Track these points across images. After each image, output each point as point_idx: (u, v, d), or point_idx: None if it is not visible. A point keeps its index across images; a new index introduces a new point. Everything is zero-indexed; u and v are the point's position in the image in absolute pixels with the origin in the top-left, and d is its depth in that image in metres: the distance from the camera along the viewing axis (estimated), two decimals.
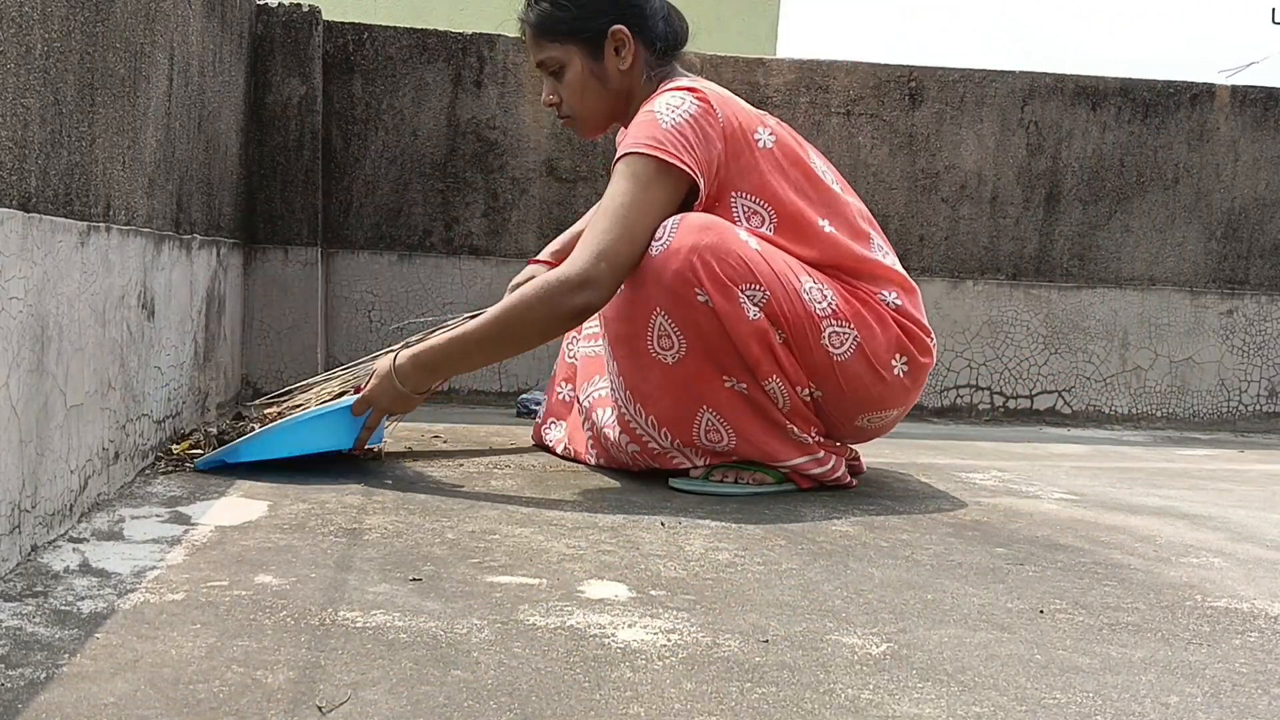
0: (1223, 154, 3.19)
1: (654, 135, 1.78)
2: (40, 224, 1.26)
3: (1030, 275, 3.15)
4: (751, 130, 1.86)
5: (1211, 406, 3.23)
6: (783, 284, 1.77)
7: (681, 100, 1.81)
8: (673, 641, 1.13)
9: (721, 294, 1.73)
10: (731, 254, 1.74)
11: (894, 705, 0.99)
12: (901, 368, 1.87)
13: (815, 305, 1.80)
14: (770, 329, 1.77)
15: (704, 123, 1.80)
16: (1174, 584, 1.46)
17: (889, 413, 1.92)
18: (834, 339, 1.81)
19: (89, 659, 0.99)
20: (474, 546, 1.45)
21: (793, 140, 1.93)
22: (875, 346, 1.83)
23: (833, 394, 1.84)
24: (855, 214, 1.94)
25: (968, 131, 3.10)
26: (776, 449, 1.84)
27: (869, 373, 1.84)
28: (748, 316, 1.75)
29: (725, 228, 1.77)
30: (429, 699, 0.95)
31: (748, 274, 1.75)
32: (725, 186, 1.84)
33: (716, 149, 1.82)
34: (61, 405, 1.35)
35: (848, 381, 1.83)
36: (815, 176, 1.91)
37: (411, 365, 1.82)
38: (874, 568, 1.46)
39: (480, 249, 2.94)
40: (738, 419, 1.81)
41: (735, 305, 1.74)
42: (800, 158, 1.91)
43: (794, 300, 1.78)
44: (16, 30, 1.18)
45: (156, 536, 1.41)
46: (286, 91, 2.73)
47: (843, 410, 1.87)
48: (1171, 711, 1.02)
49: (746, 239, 1.78)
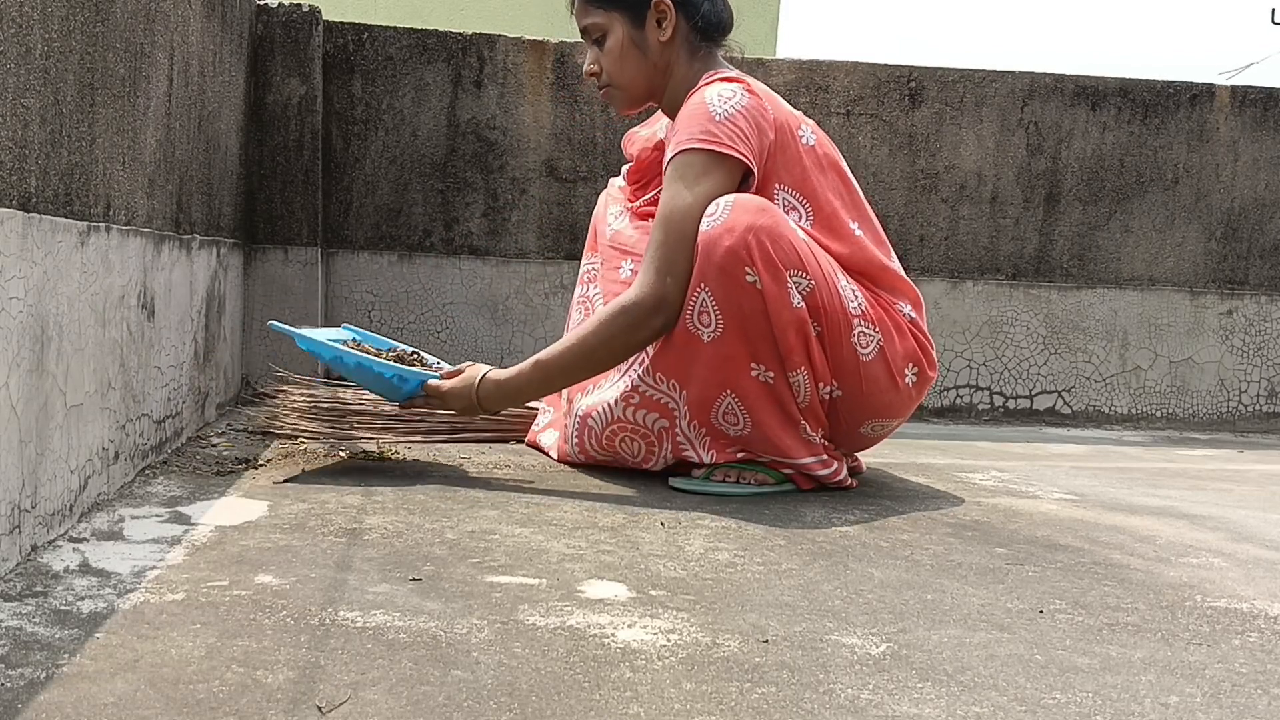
0: (1222, 154, 3.19)
1: (706, 129, 1.80)
2: (40, 224, 1.26)
3: (1030, 275, 3.15)
4: (796, 126, 1.91)
5: (1211, 407, 3.23)
6: (826, 277, 1.80)
7: (734, 92, 1.84)
8: (672, 641, 1.13)
9: (772, 276, 1.74)
10: (784, 238, 1.75)
11: (894, 705, 0.99)
12: (912, 377, 1.90)
13: (849, 303, 1.83)
14: (809, 320, 1.79)
15: (756, 113, 1.84)
16: (1174, 584, 1.46)
17: (893, 421, 1.95)
18: (861, 339, 1.84)
19: (89, 659, 0.99)
20: (474, 546, 1.45)
21: (829, 144, 1.98)
22: (894, 353, 1.87)
23: (851, 394, 1.86)
24: (879, 225, 2.00)
25: (967, 132, 3.10)
26: (789, 445, 1.85)
27: (886, 377, 1.87)
28: (792, 303, 1.76)
29: (778, 212, 1.79)
30: (429, 699, 0.95)
31: (797, 261, 1.76)
32: (769, 177, 1.86)
33: (769, 139, 1.85)
34: (61, 405, 1.35)
35: (868, 383, 1.85)
36: (850, 181, 1.97)
37: (496, 390, 1.88)
38: (874, 568, 1.46)
39: (480, 249, 2.94)
40: (758, 408, 1.81)
41: (783, 289, 1.75)
42: (836, 161, 1.96)
43: (834, 294, 1.81)
44: (16, 30, 1.18)
45: (156, 536, 1.41)
46: (286, 91, 2.73)
47: (855, 413, 1.89)
48: (1171, 711, 1.02)
49: (796, 228, 1.81)
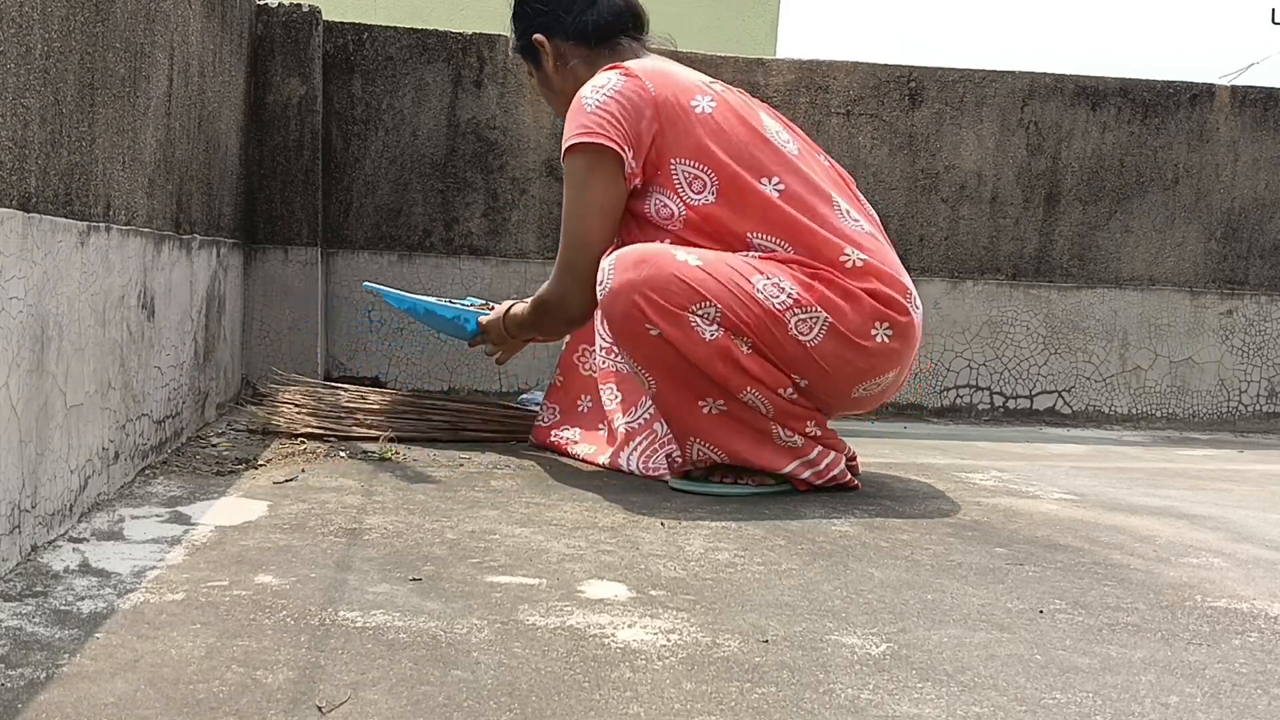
0: (1222, 154, 3.19)
1: (580, 123, 1.86)
2: (40, 224, 1.26)
3: (1030, 275, 3.15)
4: (689, 97, 1.89)
5: (1211, 406, 3.23)
6: (733, 292, 1.76)
7: (607, 80, 1.88)
8: (672, 641, 1.13)
9: (672, 323, 1.74)
10: (671, 281, 1.74)
11: (894, 705, 0.99)
12: (884, 334, 1.82)
13: (773, 301, 1.77)
14: (732, 343, 1.76)
15: (630, 95, 1.86)
16: (1174, 584, 1.46)
17: (884, 378, 1.87)
18: (801, 327, 1.78)
19: (89, 659, 0.99)
20: (474, 546, 1.45)
21: (743, 106, 1.93)
22: (849, 324, 1.80)
23: (816, 379, 1.82)
24: (823, 176, 1.92)
25: (968, 132, 3.10)
26: (767, 460, 1.85)
27: (848, 348, 1.80)
28: (704, 338, 1.75)
29: (660, 254, 1.78)
30: (429, 699, 0.95)
31: (694, 295, 1.74)
32: (664, 153, 1.86)
33: (647, 116, 1.86)
34: (61, 405, 1.35)
35: (828, 362, 1.80)
36: (763, 138, 1.90)
37: (513, 321, 2.12)
38: (874, 568, 1.46)
39: (480, 249, 2.94)
40: (723, 439, 1.82)
41: (688, 331, 1.75)
42: (746, 119, 1.91)
43: (749, 304, 1.76)
44: (16, 30, 1.18)
45: (156, 536, 1.41)
46: (286, 91, 2.73)
47: (833, 389, 1.84)
48: (1171, 711, 1.02)
49: (685, 258, 1.77)
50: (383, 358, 2.89)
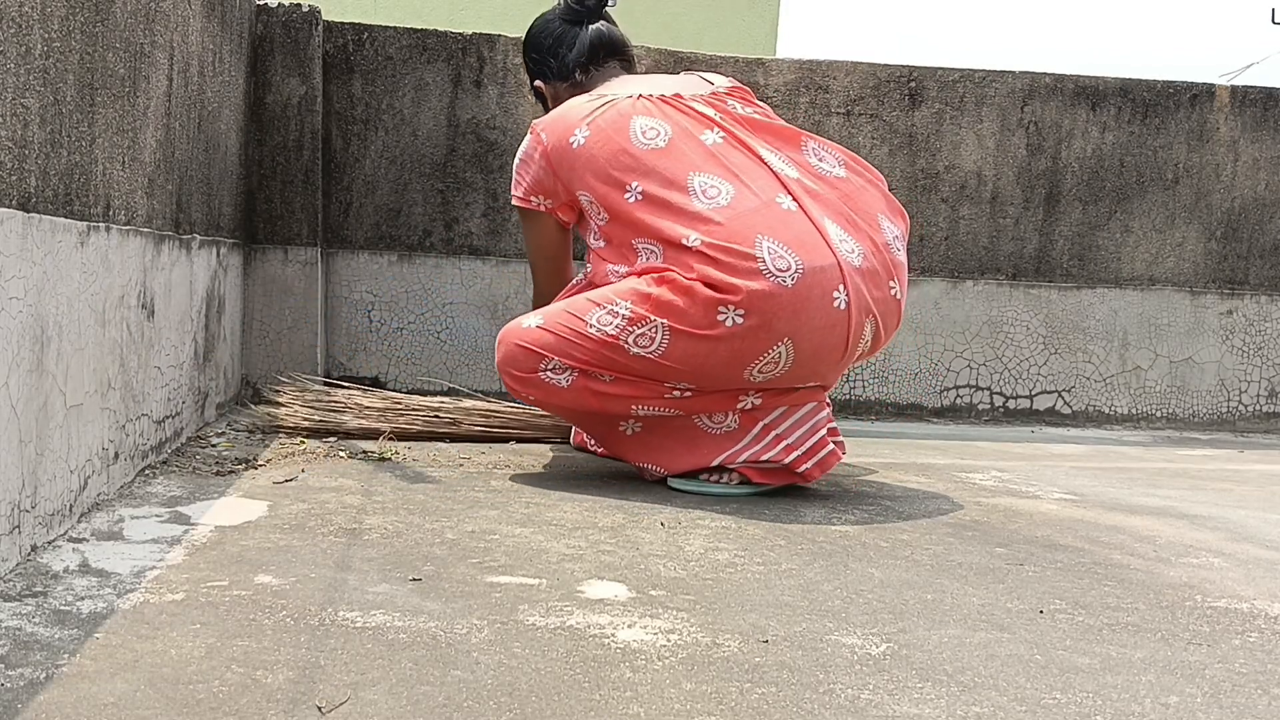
0: (1222, 154, 3.19)
1: (514, 182, 2.05)
2: (40, 224, 1.26)
3: (1030, 275, 3.15)
4: (569, 135, 1.93)
5: (1211, 406, 3.23)
6: (566, 338, 1.84)
7: (525, 141, 2.03)
8: (672, 641, 1.13)
9: (531, 387, 1.89)
10: (514, 352, 1.89)
11: (894, 705, 0.99)
12: (735, 317, 1.73)
13: (605, 330, 1.79)
14: (589, 382, 1.85)
15: (529, 152, 2.00)
16: (1174, 584, 1.46)
17: (767, 354, 1.76)
18: (641, 341, 1.78)
19: (89, 659, 0.99)
20: (474, 546, 1.45)
21: (615, 120, 1.90)
22: (690, 319, 1.75)
23: (691, 377, 1.80)
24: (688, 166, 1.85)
25: (967, 131, 3.10)
26: (707, 454, 1.88)
27: (699, 343, 1.75)
28: (562, 387, 1.87)
29: (510, 328, 1.92)
30: (429, 699, 0.95)
31: (533, 356, 1.86)
32: (571, 190, 1.95)
33: (541, 166, 1.97)
34: (61, 405, 1.35)
35: (685, 364, 1.77)
36: (623, 148, 1.87)
37: None
38: (874, 568, 1.46)
39: (480, 249, 2.94)
40: (654, 456, 1.93)
41: (546, 388, 1.88)
42: (613, 136, 1.89)
43: (583, 342, 1.82)
44: (16, 30, 1.18)
45: (156, 536, 1.41)
46: (286, 91, 2.73)
47: (718, 379, 1.80)
48: (1171, 711, 1.02)
49: (530, 322, 1.89)
50: (383, 358, 2.89)
